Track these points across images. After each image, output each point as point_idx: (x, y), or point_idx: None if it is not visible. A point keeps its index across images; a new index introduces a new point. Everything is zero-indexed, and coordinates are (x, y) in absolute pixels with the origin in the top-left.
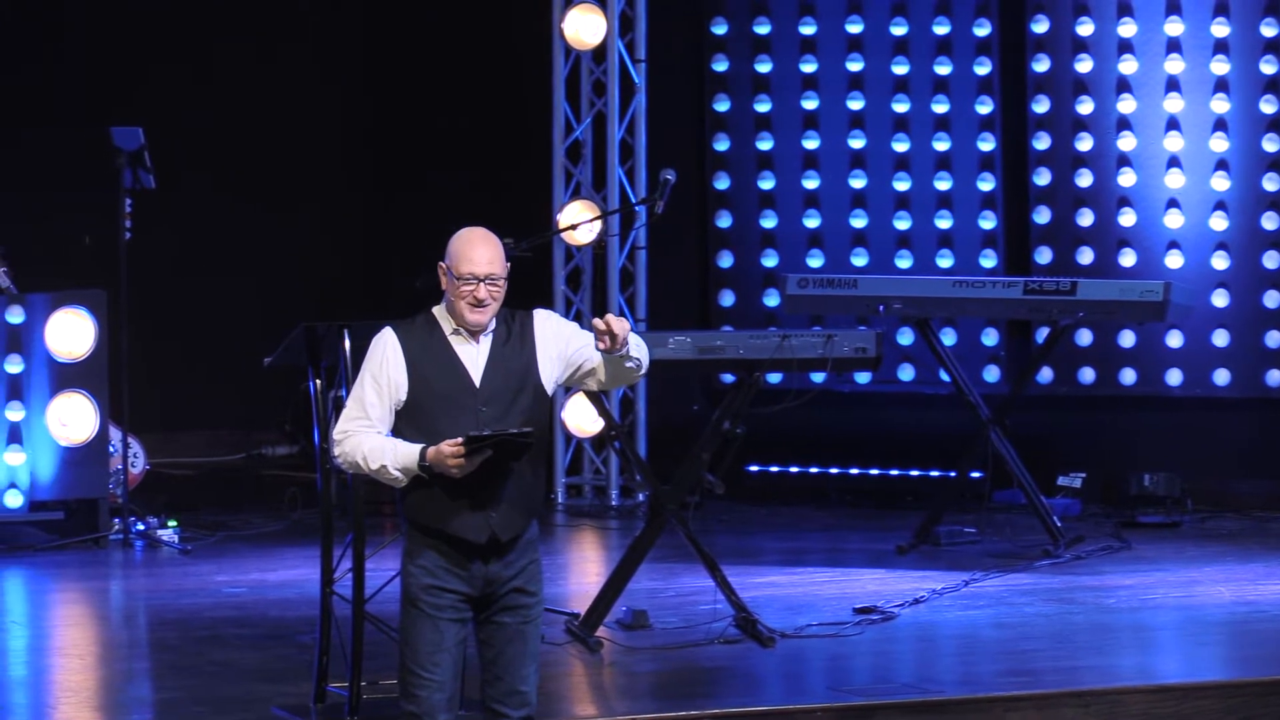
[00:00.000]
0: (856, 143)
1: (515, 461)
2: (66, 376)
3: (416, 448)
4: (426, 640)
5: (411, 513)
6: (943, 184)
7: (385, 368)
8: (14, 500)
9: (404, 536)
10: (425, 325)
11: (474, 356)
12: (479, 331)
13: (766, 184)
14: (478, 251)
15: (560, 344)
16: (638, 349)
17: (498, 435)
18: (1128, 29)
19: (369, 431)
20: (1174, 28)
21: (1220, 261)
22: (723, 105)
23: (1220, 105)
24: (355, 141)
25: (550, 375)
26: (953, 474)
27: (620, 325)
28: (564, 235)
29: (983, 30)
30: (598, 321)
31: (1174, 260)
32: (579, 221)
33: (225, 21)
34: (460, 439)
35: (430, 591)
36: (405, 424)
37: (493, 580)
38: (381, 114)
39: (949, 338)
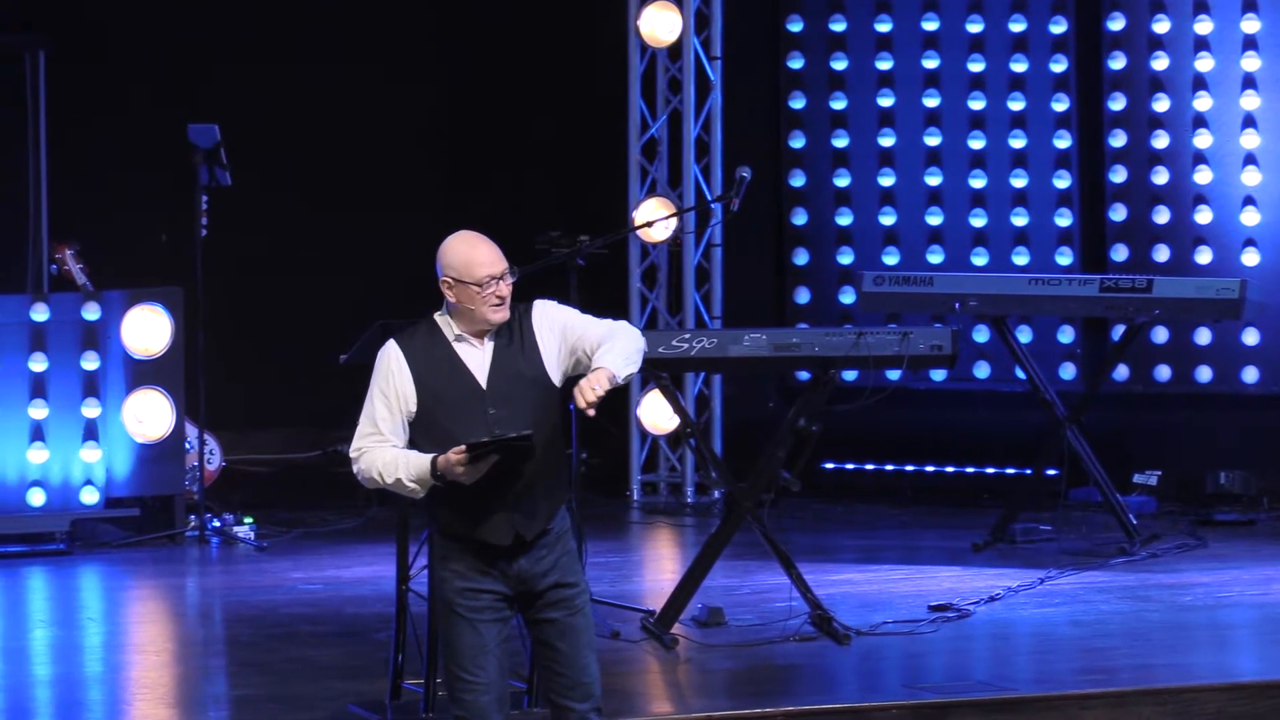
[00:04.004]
0: (932, 140)
1: (524, 464)
2: (142, 373)
3: (428, 458)
4: (468, 643)
5: (440, 520)
6: (1019, 181)
7: (392, 381)
8: (90, 497)
9: (431, 543)
10: (427, 334)
11: (479, 360)
12: (484, 334)
13: (842, 181)
14: (485, 252)
15: (560, 332)
16: (625, 362)
17: (497, 440)
18: (1204, 26)
19: (383, 446)
20: (1250, 25)
21: None
22: (798, 102)
23: None
24: (431, 141)
25: (555, 367)
26: (1028, 472)
27: (596, 388)
28: (639, 233)
29: (1059, 27)
30: (584, 405)
31: (1250, 258)
32: (654, 219)
33: (303, 21)
34: (463, 446)
35: (465, 594)
36: (420, 434)
37: (525, 578)
38: (456, 113)
39: (1025, 335)
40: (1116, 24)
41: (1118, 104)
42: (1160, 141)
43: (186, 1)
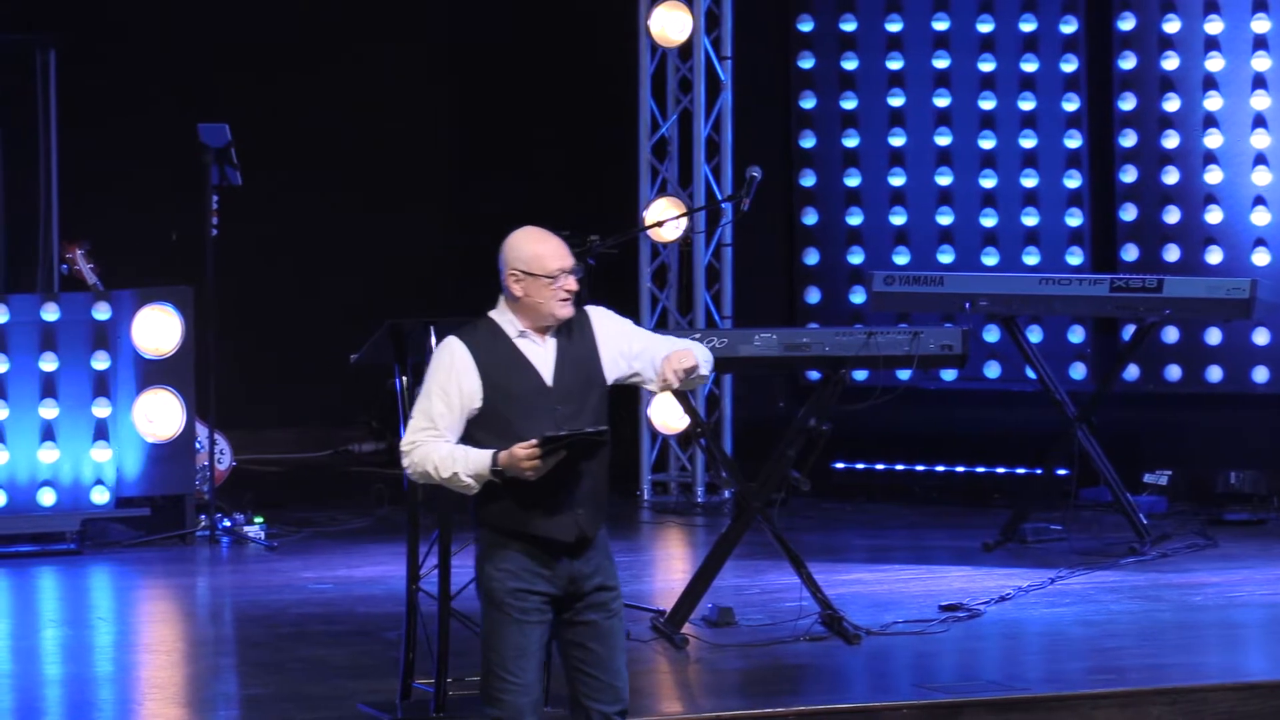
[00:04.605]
0: (943, 140)
1: (588, 460)
2: (153, 373)
3: (488, 453)
4: (512, 644)
5: (491, 518)
6: (1029, 181)
7: (455, 377)
8: (101, 497)
9: (478, 542)
10: (488, 331)
11: (543, 357)
12: (546, 331)
13: (852, 181)
14: (554, 246)
15: (623, 342)
16: (704, 361)
17: (574, 435)
18: (1214, 26)
19: (438, 441)
20: (1260, 25)
21: None
22: (808, 102)
23: None
24: (442, 140)
25: (612, 373)
26: (1039, 471)
27: (679, 368)
28: (650, 232)
29: (1069, 27)
30: (668, 375)
31: (1260, 257)
32: (665, 218)
33: (313, 20)
34: (534, 441)
35: (516, 595)
36: (481, 430)
37: (575, 578)
38: (468, 113)
39: (1035, 335)
40: (1127, 23)
41: (1128, 104)
42: (1171, 141)
43: (197, 1)
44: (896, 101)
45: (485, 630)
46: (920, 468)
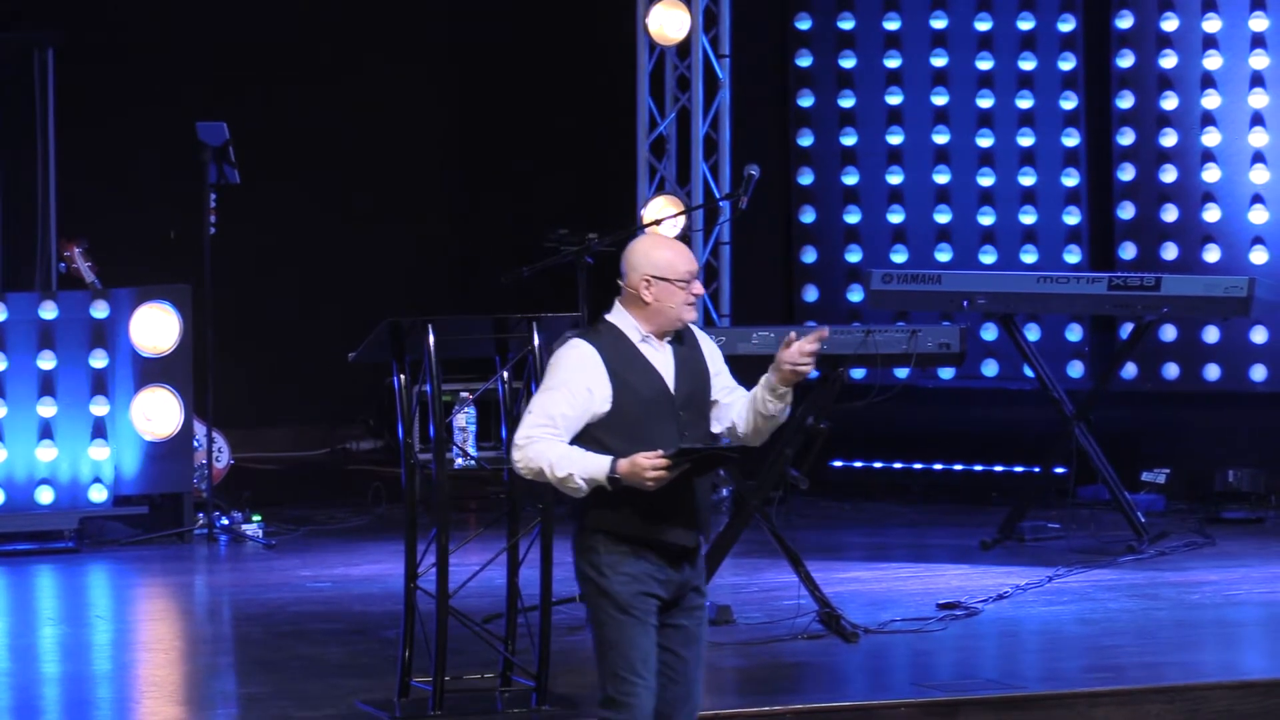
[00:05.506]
0: (941, 138)
1: (709, 474)
2: (151, 371)
3: (605, 459)
4: (641, 646)
5: (609, 523)
6: (1027, 179)
7: (584, 378)
8: (99, 495)
9: (587, 548)
10: (611, 335)
11: (665, 363)
12: (665, 336)
13: (850, 179)
14: (681, 251)
15: (720, 365)
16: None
17: (708, 450)
18: (1212, 24)
19: (555, 440)
20: (1259, 23)
21: None
22: (806, 100)
23: None
24: (440, 138)
25: (713, 391)
26: (1037, 470)
27: (808, 346)
28: (648, 230)
29: (1067, 25)
30: (797, 358)
31: (1258, 256)
32: (663, 217)
33: (313, 19)
34: (661, 452)
35: (641, 598)
36: (605, 433)
37: (681, 582)
38: (467, 111)
39: (1033, 333)
40: (1125, 22)
41: (1126, 102)
42: (1168, 139)
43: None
44: (894, 100)
45: (609, 636)
46: (918, 466)
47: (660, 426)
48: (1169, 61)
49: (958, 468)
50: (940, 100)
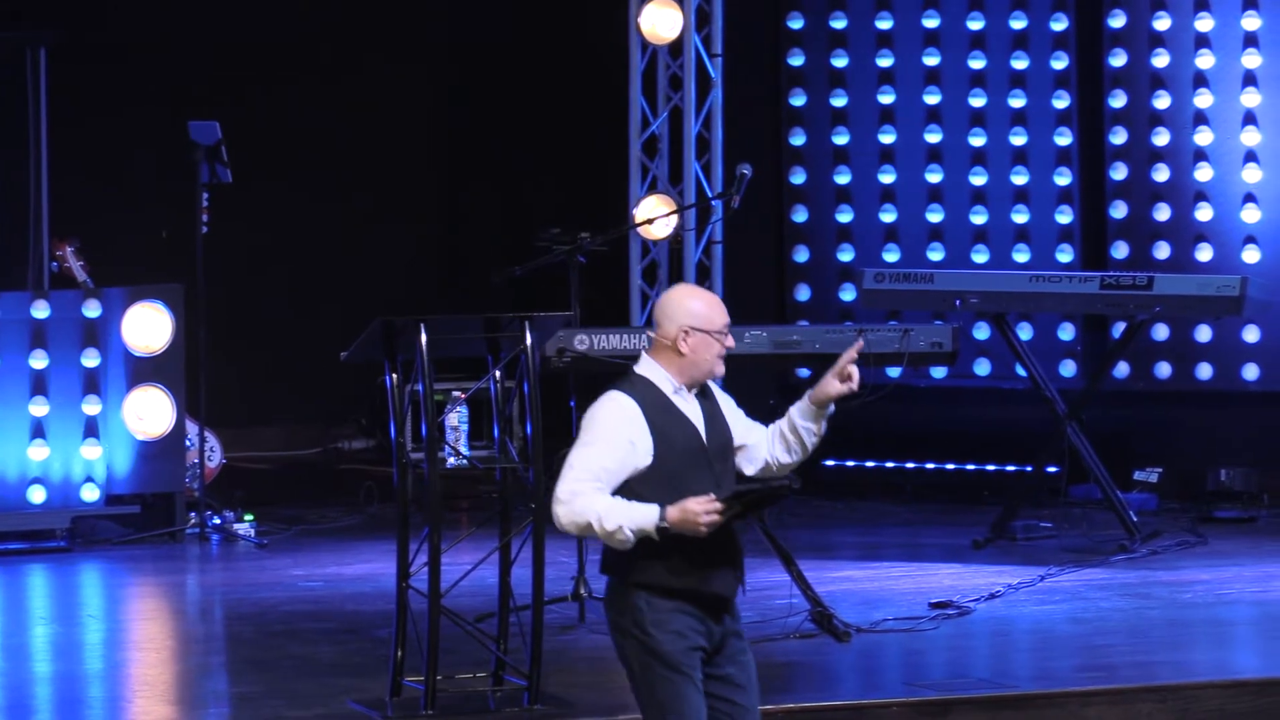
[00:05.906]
0: (933, 137)
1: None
2: (143, 371)
3: (653, 509)
4: (694, 704)
5: (651, 577)
6: (1019, 179)
7: (627, 431)
8: (90, 494)
9: (628, 607)
10: (646, 387)
11: (695, 414)
12: (693, 389)
13: (842, 179)
14: (717, 303)
15: (732, 407)
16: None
17: (764, 489)
18: (1204, 23)
19: (600, 494)
20: (1251, 22)
21: None
22: (799, 100)
23: None
24: (432, 138)
25: (737, 437)
26: (1029, 469)
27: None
28: (640, 230)
29: (1059, 25)
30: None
31: (1250, 255)
32: (655, 216)
33: (305, 18)
34: (712, 496)
35: (689, 654)
36: (644, 486)
37: (725, 632)
38: (458, 111)
39: (1025, 333)
40: (1117, 21)
41: (1118, 101)
42: (1161, 139)
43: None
44: (887, 99)
45: (660, 697)
46: (910, 465)
47: (697, 477)
48: (1161, 60)
49: (950, 467)
50: (932, 99)
